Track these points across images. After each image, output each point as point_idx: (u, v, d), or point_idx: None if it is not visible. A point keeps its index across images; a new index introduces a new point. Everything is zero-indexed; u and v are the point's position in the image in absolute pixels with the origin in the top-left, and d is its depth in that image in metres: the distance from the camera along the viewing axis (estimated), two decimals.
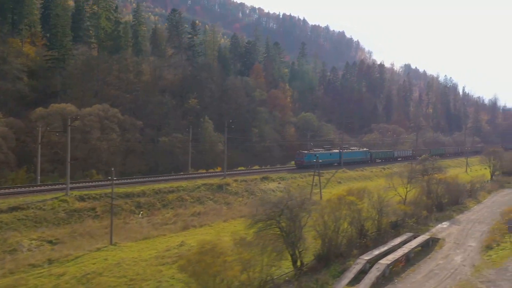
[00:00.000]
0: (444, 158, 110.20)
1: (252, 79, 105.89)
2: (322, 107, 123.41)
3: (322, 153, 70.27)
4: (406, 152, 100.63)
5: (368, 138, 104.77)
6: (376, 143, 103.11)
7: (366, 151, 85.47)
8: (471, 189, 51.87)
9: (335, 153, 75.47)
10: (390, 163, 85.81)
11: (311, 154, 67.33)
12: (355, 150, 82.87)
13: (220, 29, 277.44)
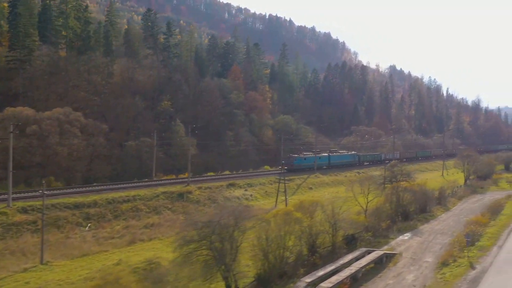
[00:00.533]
0: (424, 161, 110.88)
1: (230, 81, 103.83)
2: (303, 109, 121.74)
3: (311, 156, 72.87)
4: (393, 154, 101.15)
5: (347, 141, 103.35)
6: (355, 146, 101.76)
7: (354, 154, 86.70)
8: (441, 195, 50.49)
9: (324, 156, 77.22)
10: (375, 166, 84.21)
11: (300, 158, 70.03)
12: (343, 154, 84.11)
13: (205, 30, 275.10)
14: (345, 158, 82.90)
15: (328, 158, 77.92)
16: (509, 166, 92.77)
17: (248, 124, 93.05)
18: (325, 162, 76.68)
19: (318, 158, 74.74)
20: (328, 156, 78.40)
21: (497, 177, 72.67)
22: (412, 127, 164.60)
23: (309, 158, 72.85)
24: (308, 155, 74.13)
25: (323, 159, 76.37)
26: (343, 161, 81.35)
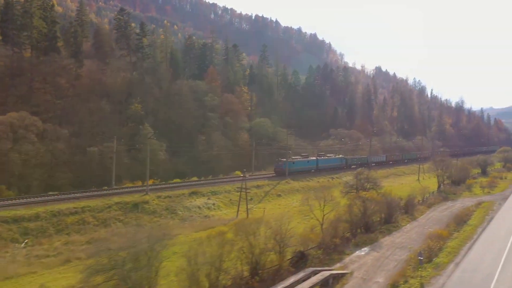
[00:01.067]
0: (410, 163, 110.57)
1: (206, 83, 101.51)
2: (282, 112, 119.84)
3: (299, 160, 75.12)
4: (380, 157, 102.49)
5: (325, 144, 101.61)
6: (333, 150, 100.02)
7: (341, 158, 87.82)
8: (408, 204, 48.76)
9: (312, 160, 78.62)
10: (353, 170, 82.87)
11: (290, 162, 71.53)
12: (331, 157, 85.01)
13: (189, 30, 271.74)
14: (333, 161, 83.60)
15: (316, 161, 78.92)
16: (486, 170, 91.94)
17: (223, 127, 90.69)
18: (313, 165, 77.88)
19: (306, 162, 76.27)
20: (316, 159, 79.26)
21: (471, 182, 71.41)
22: (394, 129, 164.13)
23: (298, 162, 74.26)
24: (297, 159, 75.25)
25: (311, 163, 77.70)
26: (331, 165, 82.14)
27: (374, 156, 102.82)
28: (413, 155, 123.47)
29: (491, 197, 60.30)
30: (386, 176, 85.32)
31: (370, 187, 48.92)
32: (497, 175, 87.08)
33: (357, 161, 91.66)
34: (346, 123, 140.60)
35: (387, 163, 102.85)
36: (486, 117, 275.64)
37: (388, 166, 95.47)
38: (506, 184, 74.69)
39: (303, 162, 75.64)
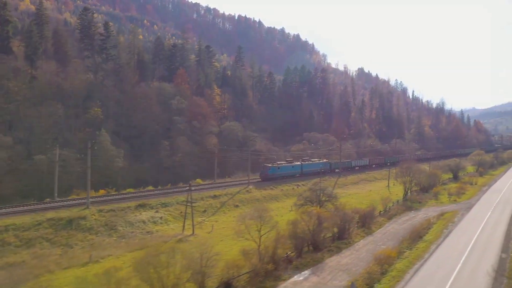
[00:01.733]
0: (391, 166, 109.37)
1: (175, 85, 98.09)
2: (256, 115, 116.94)
3: (284, 165, 75.70)
4: (363, 161, 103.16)
5: (296, 148, 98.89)
6: (306, 154, 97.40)
7: (326, 162, 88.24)
8: (366, 216, 46.13)
9: (297, 165, 79.01)
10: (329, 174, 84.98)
11: (274, 167, 72.44)
12: (315, 162, 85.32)
13: (170, 30, 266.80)
14: (317, 166, 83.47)
15: (301, 166, 79.45)
16: (457, 175, 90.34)
17: (190, 132, 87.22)
18: (297, 170, 78.52)
19: (291, 167, 77.10)
20: (301, 164, 79.69)
21: (438, 189, 69.32)
22: (373, 131, 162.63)
23: (282, 167, 74.81)
24: (282, 164, 75.81)
25: (296, 168, 78.33)
26: (316, 169, 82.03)
27: (357, 160, 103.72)
28: (395, 159, 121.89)
29: (456, 206, 58.24)
30: (356, 182, 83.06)
31: (325, 199, 46.13)
32: (468, 180, 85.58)
33: (342, 165, 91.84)
34: (324, 125, 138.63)
35: (370, 166, 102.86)
36: (466, 119, 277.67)
37: (359, 171, 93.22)
38: (475, 190, 72.95)
39: (288, 167, 76.31)
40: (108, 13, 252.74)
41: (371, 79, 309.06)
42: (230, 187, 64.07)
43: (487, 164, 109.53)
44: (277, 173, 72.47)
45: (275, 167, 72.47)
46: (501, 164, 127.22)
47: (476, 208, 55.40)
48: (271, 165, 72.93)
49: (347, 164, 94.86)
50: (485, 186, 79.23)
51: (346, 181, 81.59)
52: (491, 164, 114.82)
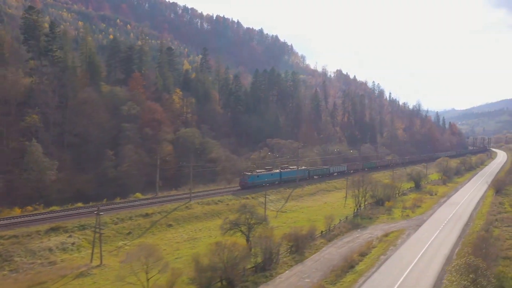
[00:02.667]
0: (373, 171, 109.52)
1: (130, 89, 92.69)
2: (219, 120, 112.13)
3: (264, 173, 76.88)
4: (341, 167, 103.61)
5: (256, 156, 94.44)
6: (267, 162, 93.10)
7: (304, 169, 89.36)
8: (300, 239, 41.90)
9: (276, 173, 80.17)
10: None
11: (254, 175, 73.93)
12: (294, 169, 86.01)
13: (144, 30, 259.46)
14: (296, 173, 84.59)
15: (280, 174, 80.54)
16: (420, 184, 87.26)
17: (140, 140, 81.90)
18: (276, 178, 79.68)
19: (270, 174, 78.23)
20: (279, 172, 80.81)
21: (392, 203, 65.60)
22: (345, 135, 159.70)
23: (262, 175, 76.13)
24: (261, 172, 76.85)
25: (275, 175, 79.43)
26: (294, 176, 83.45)
27: (335, 166, 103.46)
28: (373, 164, 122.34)
29: (407, 222, 54.63)
30: (313, 193, 79.14)
31: (255, 222, 41.68)
32: (429, 189, 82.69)
33: (320, 172, 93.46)
34: (294, 130, 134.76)
35: (348, 172, 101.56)
36: (441, 121, 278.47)
37: (319, 180, 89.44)
38: (432, 203, 69.72)
39: (267, 175, 77.35)
40: (79, 12, 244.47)
41: (349, 81, 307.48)
42: (171, 201, 59.33)
43: (452, 171, 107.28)
44: (256, 181, 74.04)
45: (254, 176, 73.97)
46: (468, 170, 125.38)
47: (425, 227, 51.83)
48: (250, 173, 74.38)
49: (325, 171, 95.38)
50: (445, 197, 76.20)
51: (302, 192, 77.60)
52: (457, 170, 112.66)
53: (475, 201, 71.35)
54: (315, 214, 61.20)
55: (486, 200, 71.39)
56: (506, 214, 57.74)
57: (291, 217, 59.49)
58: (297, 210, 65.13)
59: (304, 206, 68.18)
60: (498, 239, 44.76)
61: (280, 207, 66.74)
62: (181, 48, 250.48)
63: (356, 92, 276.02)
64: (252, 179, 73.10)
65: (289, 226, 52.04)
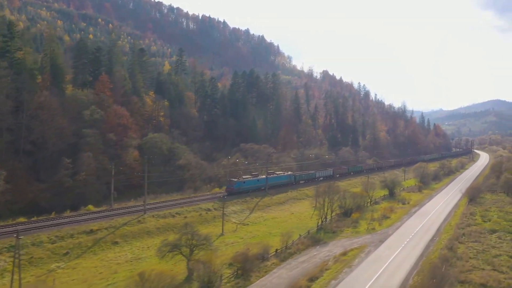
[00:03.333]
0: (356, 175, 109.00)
1: (96, 92, 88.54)
2: (193, 124, 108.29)
3: (250, 179, 77.26)
4: (327, 172, 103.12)
5: (226, 162, 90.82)
6: (238, 169, 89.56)
7: (290, 175, 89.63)
8: (247, 261, 38.44)
9: (262, 178, 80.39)
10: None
11: (240, 182, 74.44)
12: (280, 175, 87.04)
13: (126, 29, 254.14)
14: (282, 178, 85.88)
15: (266, 180, 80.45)
16: (393, 192, 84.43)
17: (103, 146, 77.77)
18: (262, 183, 79.54)
19: (256, 180, 78.49)
20: (266, 178, 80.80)
21: (359, 215, 62.54)
22: (326, 138, 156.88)
23: (248, 181, 76.27)
24: (247, 178, 77.21)
25: (261, 181, 79.53)
26: (280, 182, 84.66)
27: (321, 170, 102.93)
28: (359, 168, 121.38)
29: (371, 237, 51.55)
30: (282, 202, 75.85)
31: (198, 243, 38.11)
32: (402, 198, 79.92)
33: (305, 177, 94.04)
34: (274, 133, 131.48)
35: (334, 176, 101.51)
36: (426, 122, 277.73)
37: (291, 187, 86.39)
38: (403, 213, 66.84)
39: (253, 181, 77.63)
40: (59, 10, 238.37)
41: (335, 82, 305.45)
42: (124, 215, 55.47)
43: (430, 176, 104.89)
44: (242, 187, 74.41)
45: (240, 182, 74.53)
46: (447, 174, 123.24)
47: (388, 242, 48.74)
48: (237, 179, 75.13)
49: (311, 176, 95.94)
50: (417, 206, 73.39)
51: (271, 202, 74.24)
52: (435, 175, 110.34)
53: (447, 210, 68.68)
54: (278, 227, 57.92)
55: (458, 210, 68.76)
56: (474, 227, 55.02)
57: (252, 231, 56.08)
58: (260, 222, 61.76)
59: (269, 217, 64.86)
60: (460, 258, 41.91)
61: (243, 218, 63.31)
62: (164, 49, 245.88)
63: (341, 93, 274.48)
64: (239, 185, 73.45)
65: (245, 243, 48.82)
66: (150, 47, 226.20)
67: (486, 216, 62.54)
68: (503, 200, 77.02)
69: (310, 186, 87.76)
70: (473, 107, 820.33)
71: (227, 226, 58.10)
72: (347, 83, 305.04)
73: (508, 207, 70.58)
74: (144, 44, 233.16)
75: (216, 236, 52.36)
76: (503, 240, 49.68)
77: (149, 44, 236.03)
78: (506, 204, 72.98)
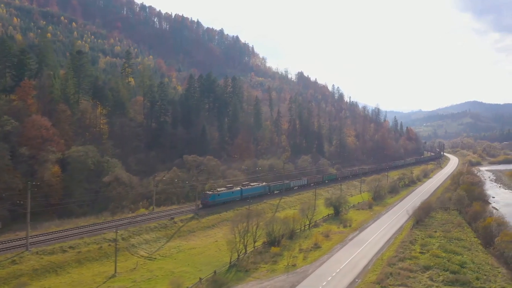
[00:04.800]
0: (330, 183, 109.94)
1: (18, 98, 79.20)
2: (139, 133, 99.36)
3: (224, 191, 78.16)
4: (302, 181, 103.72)
5: (160, 178, 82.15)
6: (174, 186, 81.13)
7: (265, 185, 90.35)
8: None
9: (237, 190, 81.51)
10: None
11: (215, 194, 75.41)
12: (255, 186, 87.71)
13: (91, 28, 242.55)
14: (257, 190, 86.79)
15: (241, 191, 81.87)
16: (339, 211, 77.07)
17: (10, 162, 68.27)
18: (237, 195, 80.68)
19: (231, 192, 79.53)
20: (240, 189, 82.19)
21: (276, 251, 52.86)
22: (290, 144, 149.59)
23: (222, 194, 77.24)
24: (222, 191, 78.03)
25: (236, 193, 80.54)
26: (255, 193, 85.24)
27: (295, 180, 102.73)
28: (333, 176, 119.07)
29: (285, 278, 43.83)
30: (213, 226, 67.48)
31: None
32: (347, 218, 72.72)
33: (280, 187, 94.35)
34: (229, 142, 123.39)
35: (309, 185, 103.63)
36: (400, 125, 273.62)
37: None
38: (338, 239, 59.45)
39: (228, 193, 78.61)
40: (20, 8, 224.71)
41: (309, 84, 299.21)
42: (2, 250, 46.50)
43: (385, 189, 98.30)
44: (217, 199, 75.34)
45: (215, 194, 75.37)
46: (407, 185, 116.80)
47: (300, 287, 41.17)
48: (211, 192, 75.68)
49: (286, 186, 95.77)
50: (357, 230, 66.09)
51: (197, 225, 65.93)
52: (392, 188, 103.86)
53: (387, 237, 61.57)
54: (188, 262, 49.92)
55: (400, 236, 61.72)
56: (408, 262, 47.88)
57: (154, 269, 47.77)
58: (172, 254, 53.47)
59: (187, 247, 56.62)
60: None
61: (155, 249, 54.96)
62: (131, 49, 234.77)
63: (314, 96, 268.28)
64: (213, 198, 74.42)
65: None
66: (114, 47, 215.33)
67: (426, 244, 55.62)
68: (452, 221, 70.55)
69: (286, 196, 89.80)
70: (451, 108, 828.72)
71: (130, 261, 49.87)
72: (322, 85, 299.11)
73: (455, 231, 64.16)
74: (108, 44, 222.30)
75: (105, 279, 44.02)
76: (434, 281, 42.69)
77: (114, 43, 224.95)
78: (454, 227, 66.54)
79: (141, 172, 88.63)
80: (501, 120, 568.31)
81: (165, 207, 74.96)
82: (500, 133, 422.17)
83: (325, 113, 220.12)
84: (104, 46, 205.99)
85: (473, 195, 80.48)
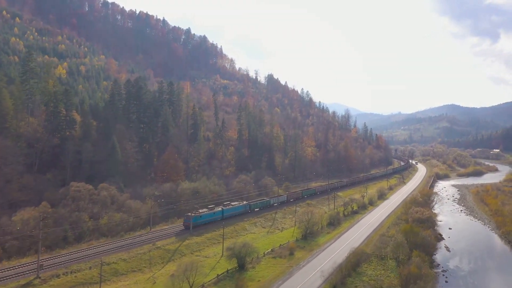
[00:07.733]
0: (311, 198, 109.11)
1: None
2: (14, 152, 79.52)
3: (206, 213, 78.03)
4: (281, 198, 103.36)
5: (18, 218, 62.43)
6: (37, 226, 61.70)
7: (245, 204, 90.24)
8: None
9: (218, 211, 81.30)
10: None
11: (196, 216, 74.91)
12: (235, 205, 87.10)
13: (36, 24, 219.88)
14: (238, 209, 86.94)
15: (222, 212, 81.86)
16: (244, 264, 58.57)
17: None
18: (219, 216, 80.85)
19: (213, 213, 79.33)
20: (222, 210, 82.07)
21: None
22: (235, 158, 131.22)
23: (204, 215, 76.78)
24: (204, 212, 77.28)
25: (217, 214, 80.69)
26: (236, 212, 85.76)
27: (275, 197, 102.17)
28: (312, 191, 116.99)
29: None
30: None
31: None
32: (254, 274, 54.55)
33: (260, 205, 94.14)
34: (151, 161, 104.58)
35: (288, 201, 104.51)
36: (369, 132, 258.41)
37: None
38: None
39: (210, 214, 78.51)
40: None
41: (278, 87, 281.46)
42: None
43: (323, 221, 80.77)
44: (199, 221, 75.10)
45: (197, 216, 74.70)
46: (354, 213, 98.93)
47: None
48: (193, 214, 74.14)
49: (266, 203, 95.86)
50: None
51: None
52: (332, 219, 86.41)
53: None
54: None
55: None
56: None
57: None
58: None
59: None
60: None
61: None
62: (82, 48, 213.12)
63: (280, 100, 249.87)
64: (195, 220, 73.93)
65: None
66: (57, 46, 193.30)
67: None
68: (383, 280, 53.12)
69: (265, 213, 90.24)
70: (429, 111, 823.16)
71: None
72: (292, 89, 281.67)
73: None
74: (52, 41, 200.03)
75: None
76: None
77: (61, 41, 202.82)
78: None
79: (24, 202, 69.46)
80: (477, 124, 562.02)
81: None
82: (474, 139, 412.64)
83: (289, 120, 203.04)
84: (45, 45, 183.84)
85: (416, 240, 63.33)
